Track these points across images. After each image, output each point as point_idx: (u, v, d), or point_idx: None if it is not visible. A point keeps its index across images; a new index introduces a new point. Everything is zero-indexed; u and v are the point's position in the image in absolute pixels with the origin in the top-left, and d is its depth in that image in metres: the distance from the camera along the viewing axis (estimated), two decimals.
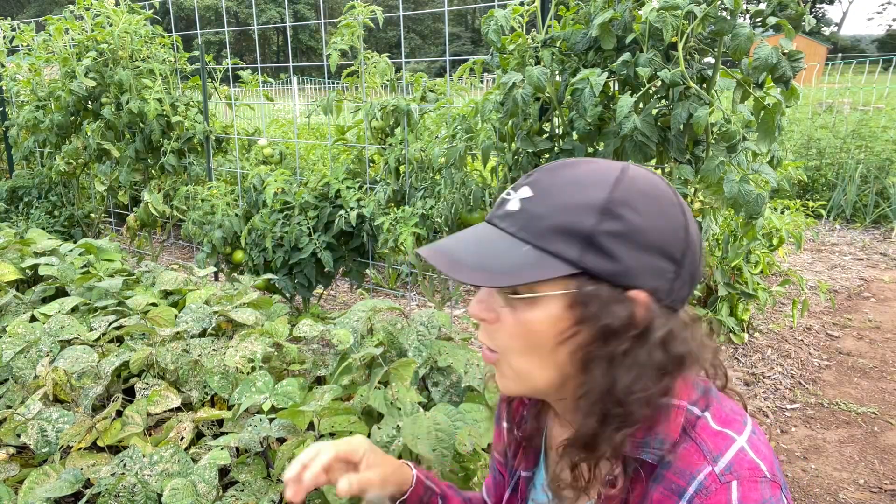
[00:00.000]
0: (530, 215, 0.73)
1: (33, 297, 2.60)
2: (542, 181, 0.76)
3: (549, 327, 0.73)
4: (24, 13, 38.19)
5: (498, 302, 0.76)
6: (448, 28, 3.46)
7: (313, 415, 1.63)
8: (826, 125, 7.96)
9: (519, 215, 0.74)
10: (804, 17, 2.12)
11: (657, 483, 0.73)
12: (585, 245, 0.71)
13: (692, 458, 0.72)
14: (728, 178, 2.16)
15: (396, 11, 3.43)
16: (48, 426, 1.73)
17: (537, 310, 0.73)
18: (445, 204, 2.94)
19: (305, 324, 2.11)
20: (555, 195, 0.73)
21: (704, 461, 0.71)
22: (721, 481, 0.69)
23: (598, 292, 0.71)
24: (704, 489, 0.69)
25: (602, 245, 0.71)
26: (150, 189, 4.40)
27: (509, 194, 0.77)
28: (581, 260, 0.71)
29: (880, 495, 2.46)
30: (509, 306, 0.75)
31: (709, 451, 0.72)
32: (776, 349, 3.68)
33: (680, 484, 0.71)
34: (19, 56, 5.22)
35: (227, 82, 4.40)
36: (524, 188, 0.76)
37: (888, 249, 5.79)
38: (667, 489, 0.72)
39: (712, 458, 0.71)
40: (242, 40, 38.54)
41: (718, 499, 0.69)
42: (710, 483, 0.69)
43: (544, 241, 0.71)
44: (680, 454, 0.73)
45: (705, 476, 0.70)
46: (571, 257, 0.71)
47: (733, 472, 0.70)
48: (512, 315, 0.74)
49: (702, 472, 0.70)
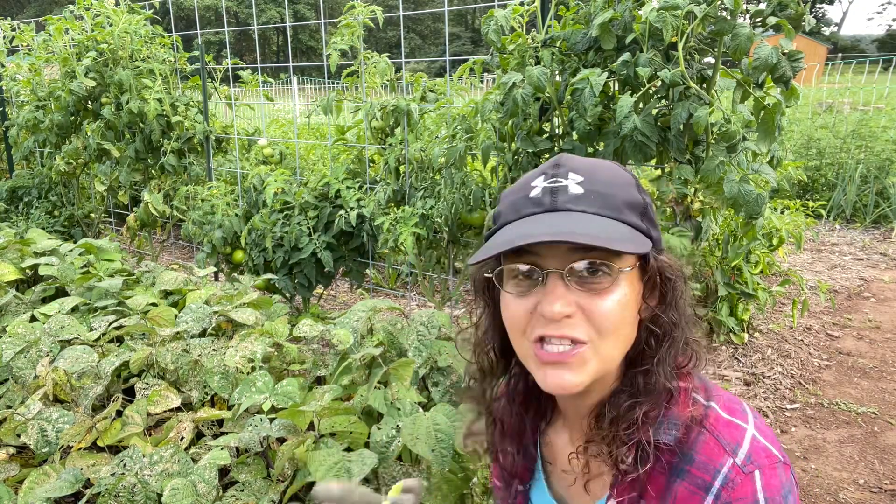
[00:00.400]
0: (600, 194, 0.77)
1: (33, 297, 2.60)
2: (577, 166, 0.80)
3: (634, 298, 0.79)
4: (24, 13, 38.19)
5: (575, 294, 0.76)
6: (448, 28, 3.46)
7: (313, 415, 1.63)
8: (826, 125, 7.95)
9: (591, 196, 0.77)
10: (804, 17, 2.13)
11: (680, 478, 0.76)
12: (642, 216, 0.79)
13: (712, 451, 0.76)
14: (728, 178, 2.16)
15: (396, 11, 3.43)
16: (48, 426, 1.73)
17: (623, 283, 0.77)
18: (445, 204, 2.94)
19: (305, 324, 2.11)
20: (600, 175, 0.79)
21: (725, 454, 0.75)
22: (744, 472, 0.73)
23: (657, 257, 0.81)
24: (730, 482, 0.73)
25: (650, 215, 0.81)
26: (150, 189, 4.40)
27: (557, 182, 0.78)
28: (648, 230, 0.79)
29: (880, 495, 2.46)
30: (601, 288, 0.76)
31: (727, 443, 0.76)
32: (776, 349, 3.68)
33: (705, 479, 0.74)
34: (19, 56, 5.23)
35: (227, 82, 4.40)
36: (571, 173, 0.79)
37: (888, 249, 5.79)
38: (692, 485, 0.75)
39: (732, 450, 0.75)
40: (242, 40, 38.54)
41: (744, 490, 0.73)
42: (735, 475, 0.73)
43: (623, 214, 0.77)
44: (700, 448, 0.77)
45: (729, 469, 0.74)
46: (641, 228, 0.79)
47: (754, 462, 0.74)
48: (599, 298, 0.76)
49: (724, 465, 0.74)
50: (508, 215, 0.81)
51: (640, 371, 0.80)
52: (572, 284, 0.75)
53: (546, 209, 0.77)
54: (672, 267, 0.82)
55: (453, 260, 3.33)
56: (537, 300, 0.77)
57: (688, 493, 0.75)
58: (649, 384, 0.79)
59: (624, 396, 0.80)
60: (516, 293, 0.79)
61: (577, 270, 0.75)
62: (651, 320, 0.81)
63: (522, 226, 0.76)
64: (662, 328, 0.80)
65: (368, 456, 1.47)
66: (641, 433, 0.77)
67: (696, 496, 0.74)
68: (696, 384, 0.82)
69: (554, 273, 0.76)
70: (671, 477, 0.77)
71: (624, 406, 0.79)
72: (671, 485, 0.77)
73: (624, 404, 0.79)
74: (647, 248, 0.75)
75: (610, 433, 0.79)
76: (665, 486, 0.77)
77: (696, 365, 0.83)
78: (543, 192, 0.78)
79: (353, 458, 1.48)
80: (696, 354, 0.83)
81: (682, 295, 0.82)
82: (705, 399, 0.81)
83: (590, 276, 0.75)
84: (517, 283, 0.80)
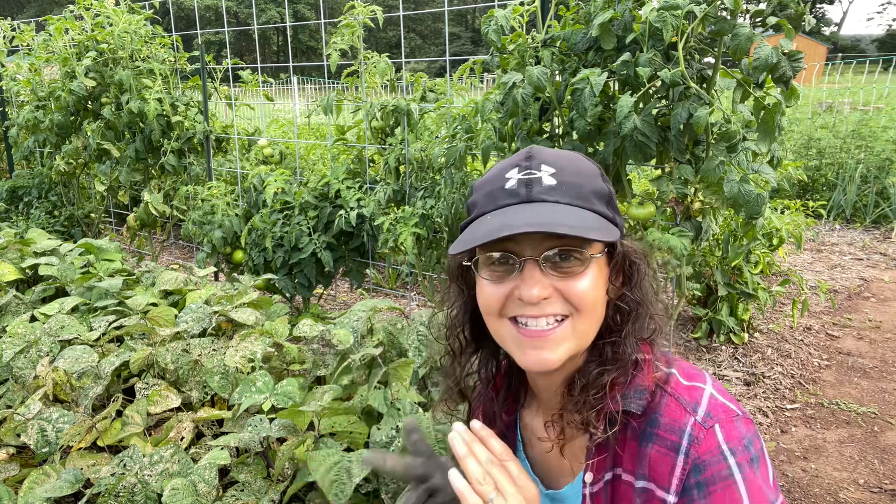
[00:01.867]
0: (571, 185, 0.83)
1: (33, 297, 2.60)
2: (548, 159, 0.85)
3: (602, 280, 0.85)
4: (24, 13, 38.18)
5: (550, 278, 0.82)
6: (448, 28, 3.46)
7: (313, 415, 1.63)
8: (826, 125, 7.95)
9: (563, 187, 0.82)
10: (804, 17, 2.12)
11: (651, 442, 0.82)
12: (607, 204, 0.85)
13: (674, 412, 0.82)
14: (728, 178, 2.16)
15: (396, 11, 3.43)
16: (48, 426, 1.73)
17: (594, 267, 0.83)
18: (445, 204, 2.94)
19: (305, 324, 2.11)
20: (569, 167, 0.85)
21: (686, 413, 0.81)
22: (705, 427, 0.79)
23: (622, 243, 0.87)
24: (695, 439, 0.79)
25: (614, 203, 0.87)
26: (150, 189, 4.40)
27: (531, 174, 0.83)
28: (613, 217, 0.85)
29: (880, 495, 2.46)
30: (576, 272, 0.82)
31: (687, 402, 0.82)
32: (776, 349, 3.68)
33: (672, 439, 0.80)
34: (19, 56, 5.22)
35: (227, 82, 4.39)
36: (543, 165, 0.84)
37: (888, 249, 5.78)
38: (662, 447, 0.81)
39: (692, 409, 0.81)
40: (242, 40, 38.53)
41: (708, 444, 0.78)
42: (698, 432, 0.79)
43: (592, 204, 0.83)
44: (664, 410, 0.82)
45: (692, 427, 0.80)
46: (608, 215, 0.85)
47: (713, 417, 0.80)
48: (573, 280, 0.82)
49: (687, 423, 0.80)
50: (485, 206, 0.86)
51: (609, 342, 0.87)
52: (547, 269, 0.82)
53: (522, 200, 0.82)
54: (636, 251, 0.89)
55: None
56: (514, 285, 0.83)
57: (659, 455, 0.81)
58: (617, 353, 0.86)
59: (593, 365, 0.86)
60: (492, 279, 0.85)
61: (552, 257, 0.81)
62: (618, 299, 0.88)
63: (500, 216, 0.81)
64: (629, 305, 0.87)
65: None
66: (609, 398, 0.83)
67: (668, 457, 0.80)
68: (657, 355, 0.89)
69: (530, 260, 0.81)
70: (642, 442, 0.83)
71: (593, 373, 0.85)
72: (643, 449, 0.82)
73: (593, 371, 0.85)
74: (616, 236, 0.81)
75: (581, 399, 0.85)
76: (637, 452, 0.83)
77: (657, 336, 0.90)
78: (519, 183, 0.83)
79: (353, 458, 1.48)
80: (658, 327, 0.89)
81: (646, 275, 0.89)
82: (666, 367, 0.87)
83: (563, 262, 0.82)
84: (492, 270, 0.85)
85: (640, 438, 0.83)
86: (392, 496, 1.51)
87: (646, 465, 0.81)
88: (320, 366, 2.07)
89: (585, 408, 0.84)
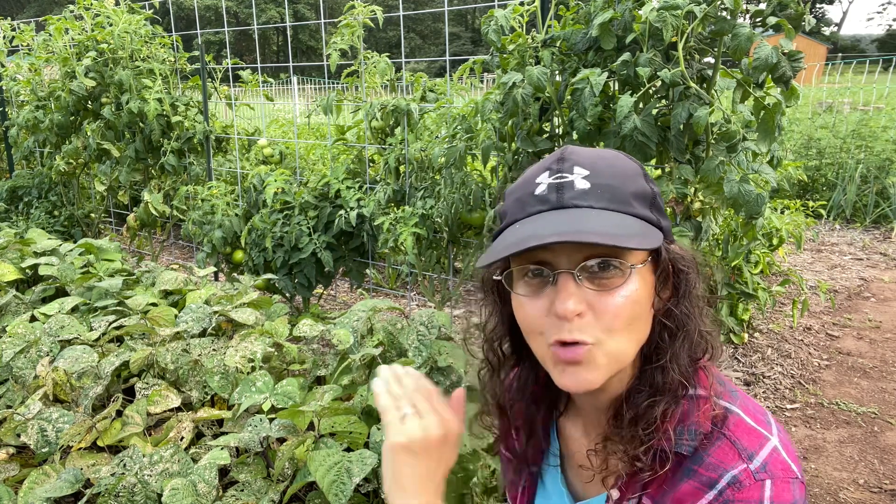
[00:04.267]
0: (607, 187, 0.75)
1: (33, 297, 2.60)
2: (581, 160, 0.77)
3: (646, 293, 0.76)
4: (24, 13, 38.18)
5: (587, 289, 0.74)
6: (448, 28, 3.46)
7: (313, 415, 1.63)
8: (826, 125, 7.95)
9: (597, 190, 0.75)
10: (804, 17, 2.12)
11: (688, 477, 0.75)
12: (652, 206, 0.77)
13: (727, 455, 0.74)
14: (728, 178, 2.16)
15: (396, 11, 3.43)
16: (48, 426, 1.73)
17: (636, 278, 0.75)
18: (445, 204, 2.94)
19: (305, 324, 2.11)
20: (605, 167, 0.77)
21: (739, 459, 0.73)
22: (755, 478, 0.71)
23: (668, 249, 0.79)
24: (738, 482, 0.71)
25: (659, 205, 0.79)
26: (150, 189, 4.40)
27: (562, 177, 0.76)
28: (657, 220, 0.77)
29: (880, 495, 2.46)
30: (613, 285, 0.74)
31: (743, 448, 0.74)
32: (776, 349, 3.68)
33: (712, 477, 0.73)
34: (19, 56, 5.22)
35: (227, 82, 4.39)
36: (576, 168, 0.76)
37: (888, 249, 5.78)
38: (697, 482, 0.74)
39: (747, 456, 0.73)
40: (242, 40, 38.52)
41: (751, 494, 0.71)
42: (745, 479, 0.71)
43: (632, 207, 0.75)
44: (714, 451, 0.75)
45: (740, 472, 0.72)
46: (651, 219, 0.76)
47: (768, 472, 0.72)
48: (610, 295, 0.74)
49: (736, 468, 0.72)
50: (515, 213, 0.79)
51: (657, 367, 0.78)
52: (583, 282, 0.74)
53: (552, 206, 0.75)
54: (684, 258, 0.80)
55: (453, 260, 3.33)
56: (550, 300, 0.75)
57: (691, 489, 0.74)
58: (666, 380, 0.77)
59: (642, 396, 0.78)
60: (528, 293, 0.78)
61: (588, 268, 0.74)
62: (664, 314, 0.79)
63: (529, 225, 0.75)
64: (676, 321, 0.78)
65: (369, 456, 1.46)
66: (661, 433, 0.76)
67: (700, 492, 0.73)
68: (717, 388, 0.80)
69: (564, 272, 0.74)
70: (678, 475, 0.76)
71: (643, 405, 0.77)
72: (676, 482, 0.76)
73: (643, 403, 0.78)
74: (658, 242, 0.73)
75: (629, 433, 0.78)
76: (670, 483, 0.77)
77: (711, 357, 0.81)
78: (549, 188, 0.76)
79: (354, 458, 1.48)
80: (711, 346, 0.81)
81: (695, 286, 0.80)
82: (728, 403, 0.79)
83: (601, 273, 0.74)
84: (527, 283, 0.78)
85: (678, 470, 0.77)
86: None
87: (671, 496, 0.76)
88: (320, 366, 2.07)
89: (634, 442, 0.77)
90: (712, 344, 0.81)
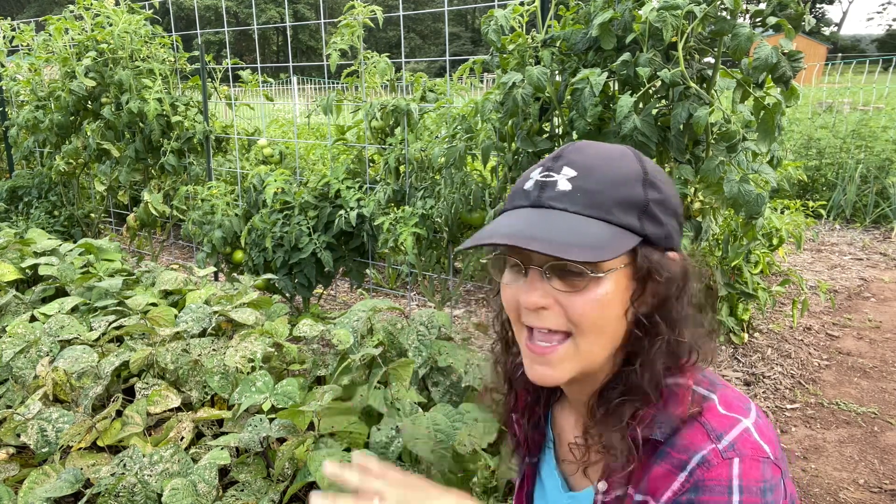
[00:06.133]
0: (588, 192, 0.76)
1: (33, 297, 2.60)
2: (576, 160, 0.78)
3: (619, 298, 0.77)
4: (24, 13, 38.18)
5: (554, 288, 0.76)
6: (448, 28, 3.46)
7: (313, 415, 1.63)
8: (826, 125, 7.95)
9: (576, 194, 0.76)
10: (804, 17, 2.12)
11: (660, 459, 0.77)
12: (641, 214, 0.77)
13: (696, 437, 0.76)
14: (728, 178, 2.16)
15: (396, 11, 3.43)
16: (48, 426, 1.73)
17: (608, 282, 0.76)
18: (445, 204, 2.94)
19: (305, 324, 2.11)
20: (598, 171, 0.77)
21: (708, 440, 0.75)
22: (723, 457, 0.73)
23: (655, 257, 0.78)
24: (706, 462, 0.73)
25: (653, 213, 0.78)
26: (150, 189, 4.40)
27: (549, 176, 0.78)
28: (643, 228, 0.77)
29: (880, 495, 2.46)
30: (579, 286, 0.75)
31: (712, 430, 0.75)
32: (776, 349, 3.68)
33: (682, 458, 0.75)
34: (19, 56, 5.22)
35: (227, 82, 4.39)
36: (565, 168, 0.78)
37: (888, 249, 5.78)
38: (669, 464, 0.76)
39: (716, 437, 0.75)
40: (242, 40, 38.52)
41: (719, 472, 0.72)
42: (713, 457, 0.73)
43: (611, 214, 0.75)
44: (685, 434, 0.76)
45: (709, 451, 0.73)
46: (635, 227, 0.76)
47: (736, 450, 0.73)
48: (576, 295, 0.76)
49: (705, 448, 0.74)
50: (508, 203, 0.83)
51: (632, 370, 0.80)
52: (552, 279, 0.77)
53: (530, 203, 0.78)
54: (668, 267, 0.79)
55: (453, 260, 3.33)
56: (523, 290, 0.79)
57: (664, 471, 0.76)
58: (639, 383, 0.79)
59: (615, 393, 0.81)
60: (508, 280, 0.82)
61: (556, 267, 0.76)
62: (643, 317, 0.79)
63: (506, 219, 0.78)
64: (653, 328, 0.79)
65: (368, 456, 1.46)
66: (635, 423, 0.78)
67: (672, 473, 0.75)
68: (699, 379, 0.81)
69: (534, 268, 0.77)
70: (653, 460, 0.78)
71: (614, 403, 0.80)
72: (651, 466, 0.78)
73: (614, 401, 0.80)
74: (616, 253, 0.73)
75: (603, 425, 0.81)
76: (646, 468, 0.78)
77: (695, 363, 0.81)
78: (535, 185, 0.79)
79: (354, 458, 1.48)
80: (698, 352, 0.81)
81: (681, 293, 0.80)
82: (707, 391, 0.80)
83: (568, 275, 0.76)
84: (510, 272, 0.82)
85: (653, 456, 0.78)
86: None
87: (648, 480, 0.78)
88: (320, 366, 2.07)
89: (607, 435, 0.80)
90: (698, 350, 0.81)
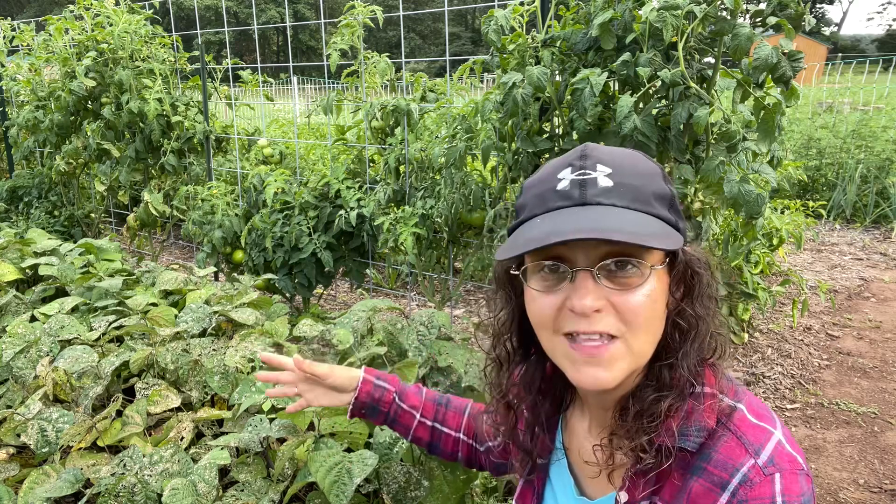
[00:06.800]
0: (630, 187, 0.75)
1: (33, 297, 2.60)
2: (604, 157, 0.78)
3: (662, 293, 0.78)
4: (24, 13, 38.17)
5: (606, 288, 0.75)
6: (448, 28, 3.46)
7: (313, 415, 1.63)
8: (826, 125, 7.95)
9: (620, 189, 0.75)
10: (804, 17, 2.12)
11: (697, 475, 0.75)
12: (670, 207, 0.78)
13: (733, 450, 0.74)
14: (728, 178, 2.16)
15: (396, 11, 3.43)
16: (48, 426, 1.73)
17: (653, 278, 0.76)
18: (445, 204, 2.94)
19: (305, 324, 2.11)
20: (628, 166, 0.77)
21: (746, 454, 0.73)
22: (765, 473, 0.72)
23: (685, 251, 0.79)
24: (749, 481, 0.72)
25: (677, 207, 0.79)
26: (150, 189, 4.40)
27: (585, 174, 0.76)
28: (675, 221, 0.78)
29: (880, 495, 2.46)
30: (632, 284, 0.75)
31: (749, 443, 0.74)
32: (776, 349, 3.68)
33: (723, 476, 0.73)
34: (19, 56, 5.22)
35: (227, 82, 4.39)
36: (599, 165, 0.77)
37: (888, 249, 5.78)
38: (708, 482, 0.74)
39: (754, 451, 0.73)
40: (242, 40, 38.52)
41: (762, 490, 0.71)
42: (755, 475, 0.72)
43: (653, 207, 0.76)
44: (721, 447, 0.75)
45: (749, 468, 0.72)
46: (670, 220, 0.77)
47: (776, 465, 0.73)
48: (629, 294, 0.75)
49: (745, 464, 0.73)
50: (534, 208, 0.79)
51: (665, 365, 0.79)
52: (602, 280, 0.75)
53: (575, 203, 0.75)
54: (699, 260, 0.80)
55: (453, 260, 3.33)
56: (566, 296, 0.76)
57: (703, 490, 0.74)
58: (674, 377, 0.78)
59: (649, 391, 0.79)
60: (543, 289, 0.78)
61: (607, 266, 0.74)
62: (677, 314, 0.79)
63: (550, 220, 0.75)
64: (688, 321, 0.79)
65: (369, 457, 1.46)
66: (664, 427, 0.77)
67: (712, 493, 0.73)
68: (723, 385, 0.81)
69: (583, 270, 0.75)
70: (687, 474, 0.76)
71: (649, 400, 0.78)
72: (687, 482, 0.76)
73: (649, 398, 0.78)
74: (678, 244, 0.74)
75: (634, 426, 0.78)
76: (681, 484, 0.77)
77: (720, 357, 0.82)
78: (572, 184, 0.76)
79: (354, 458, 1.48)
80: (721, 347, 0.82)
81: (709, 287, 0.80)
82: (733, 400, 0.80)
83: (619, 271, 0.74)
84: (543, 278, 0.78)
85: (686, 470, 0.76)
86: (393, 496, 1.52)
87: (684, 498, 0.75)
88: None
89: (638, 435, 0.77)
90: (721, 344, 0.81)
